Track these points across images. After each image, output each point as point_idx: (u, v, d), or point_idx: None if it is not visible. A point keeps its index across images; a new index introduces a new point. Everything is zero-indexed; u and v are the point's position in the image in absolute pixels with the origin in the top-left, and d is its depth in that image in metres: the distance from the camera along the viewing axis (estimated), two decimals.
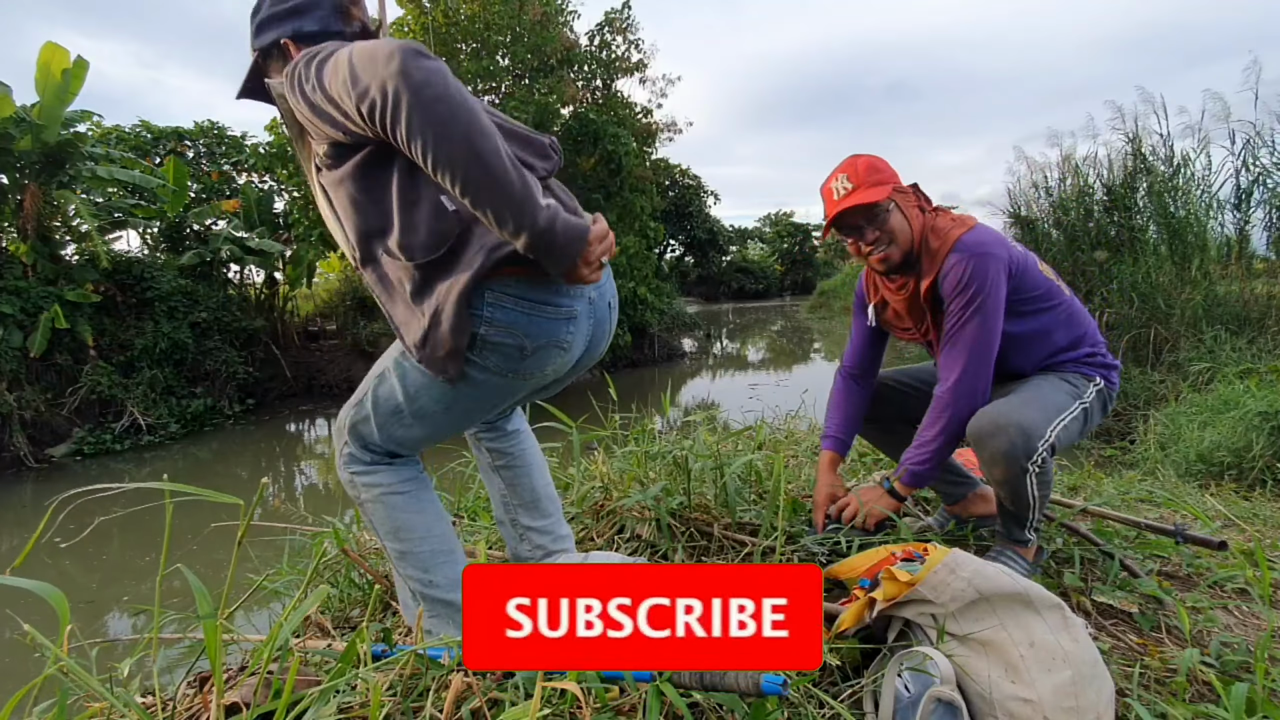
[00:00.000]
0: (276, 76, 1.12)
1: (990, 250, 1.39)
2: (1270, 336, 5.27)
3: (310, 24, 1.11)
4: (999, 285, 1.39)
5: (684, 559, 1.52)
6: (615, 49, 13.68)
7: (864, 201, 1.43)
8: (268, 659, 0.87)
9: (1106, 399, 1.50)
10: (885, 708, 0.94)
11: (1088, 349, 1.50)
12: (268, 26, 1.13)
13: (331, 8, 1.12)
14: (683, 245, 32.43)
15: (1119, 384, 1.54)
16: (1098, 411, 1.47)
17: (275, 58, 1.14)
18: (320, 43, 1.05)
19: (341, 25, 1.12)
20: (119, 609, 4.17)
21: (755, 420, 2.63)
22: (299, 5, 1.11)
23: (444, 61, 0.88)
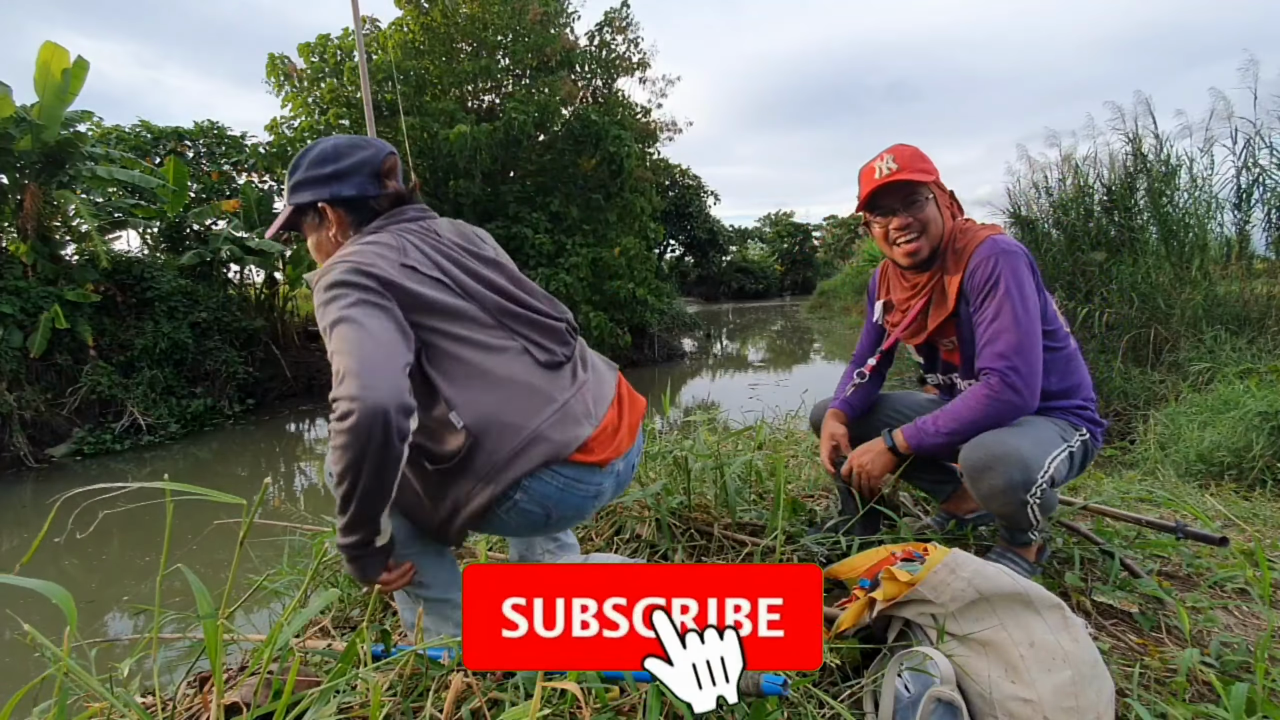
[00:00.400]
0: (310, 231, 1.19)
1: (1017, 251, 1.37)
2: (1270, 336, 5.27)
3: (348, 189, 1.15)
4: (1026, 280, 1.34)
5: (684, 559, 1.52)
6: (615, 48, 13.68)
7: (908, 179, 1.40)
8: (268, 659, 0.87)
9: (1089, 451, 1.45)
10: (885, 708, 0.94)
11: (1080, 400, 1.45)
12: (305, 188, 1.16)
13: (369, 174, 1.16)
14: (683, 245, 32.44)
15: (1102, 444, 1.50)
16: (1080, 461, 1.43)
17: (310, 216, 1.18)
18: (356, 207, 1.15)
19: (377, 189, 1.16)
20: (119, 609, 4.17)
21: (755, 420, 2.63)
22: (338, 171, 1.14)
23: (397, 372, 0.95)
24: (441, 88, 12.15)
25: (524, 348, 1.12)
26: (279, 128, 11.81)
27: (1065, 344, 1.45)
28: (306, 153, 1.18)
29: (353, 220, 1.16)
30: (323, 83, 11.60)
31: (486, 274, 1.14)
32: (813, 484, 2.00)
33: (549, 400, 1.09)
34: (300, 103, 11.76)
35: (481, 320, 1.10)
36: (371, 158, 1.16)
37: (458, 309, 1.08)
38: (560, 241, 12.07)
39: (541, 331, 1.15)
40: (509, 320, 1.12)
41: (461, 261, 1.13)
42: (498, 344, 1.09)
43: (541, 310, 1.18)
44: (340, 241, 1.16)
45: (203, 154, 13.06)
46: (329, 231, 1.17)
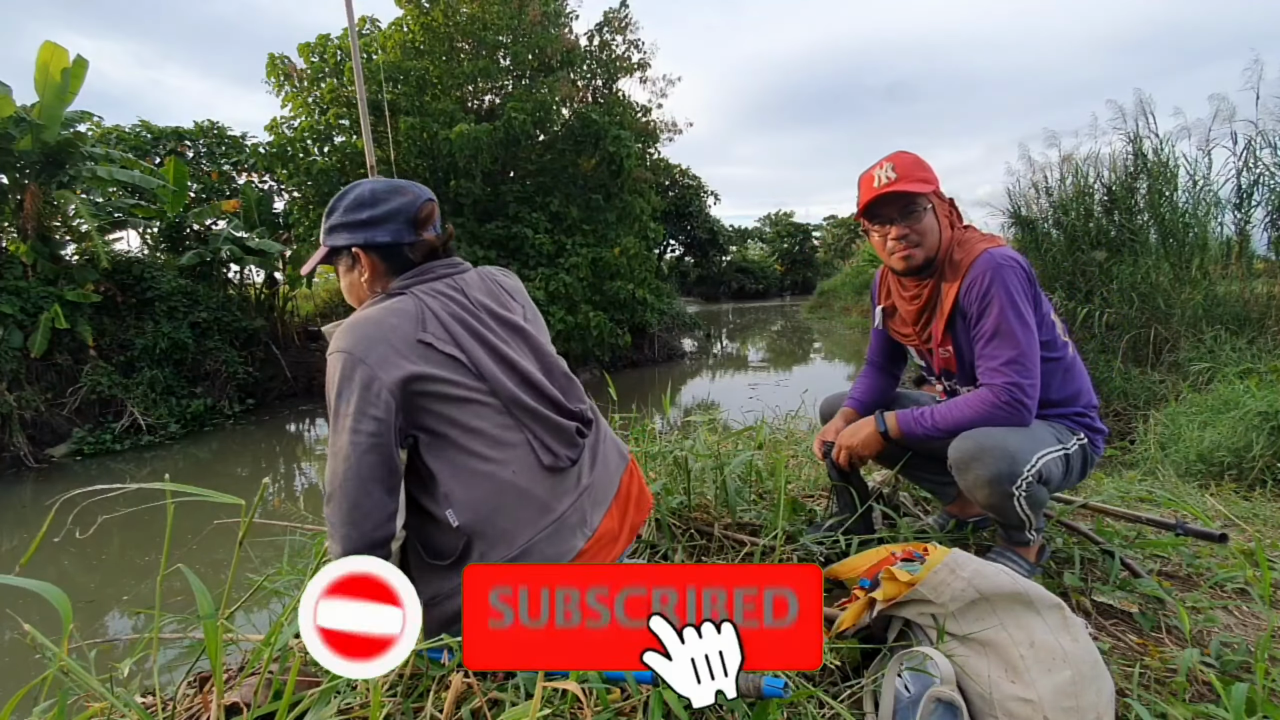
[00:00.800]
0: (344, 273, 1.20)
1: (1013, 265, 1.37)
2: (1270, 336, 5.27)
3: (382, 235, 1.14)
4: (1021, 294, 1.35)
5: (684, 559, 1.52)
6: (615, 48, 13.67)
7: (906, 190, 1.40)
8: (268, 659, 0.87)
9: (1088, 457, 1.45)
10: (885, 708, 0.94)
11: (1079, 408, 1.46)
12: (341, 231, 1.16)
13: (404, 221, 1.14)
14: (683, 245, 32.44)
15: (1103, 450, 1.49)
16: (1079, 466, 1.43)
17: (344, 258, 1.18)
18: (390, 254, 1.15)
19: (412, 237, 1.15)
20: (119, 609, 4.17)
21: (755, 420, 2.63)
22: (374, 218, 1.14)
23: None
24: (442, 88, 12.14)
25: (530, 446, 1.09)
26: (279, 128, 11.80)
27: (1063, 353, 1.45)
28: (344, 195, 1.18)
29: (386, 267, 1.16)
30: (323, 83, 11.60)
31: (507, 352, 1.12)
32: (813, 484, 2.00)
33: (546, 510, 1.08)
34: (300, 103, 11.76)
35: (491, 407, 1.08)
36: (408, 205, 1.15)
37: (468, 396, 1.06)
38: (560, 241, 12.06)
39: (551, 431, 1.12)
40: (520, 413, 1.10)
41: (483, 335, 1.10)
42: (504, 438, 1.07)
43: (556, 403, 1.15)
44: (372, 287, 1.16)
45: (203, 154, 13.07)
46: (362, 276, 1.17)
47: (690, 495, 1.66)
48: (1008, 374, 1.32)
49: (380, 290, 1.15)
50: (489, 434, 1.06)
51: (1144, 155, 6.50)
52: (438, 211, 1.20)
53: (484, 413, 1.07)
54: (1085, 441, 1.43)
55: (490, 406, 1.07)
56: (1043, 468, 1.31)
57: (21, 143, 7.76)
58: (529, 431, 1.10)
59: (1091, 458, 1.46)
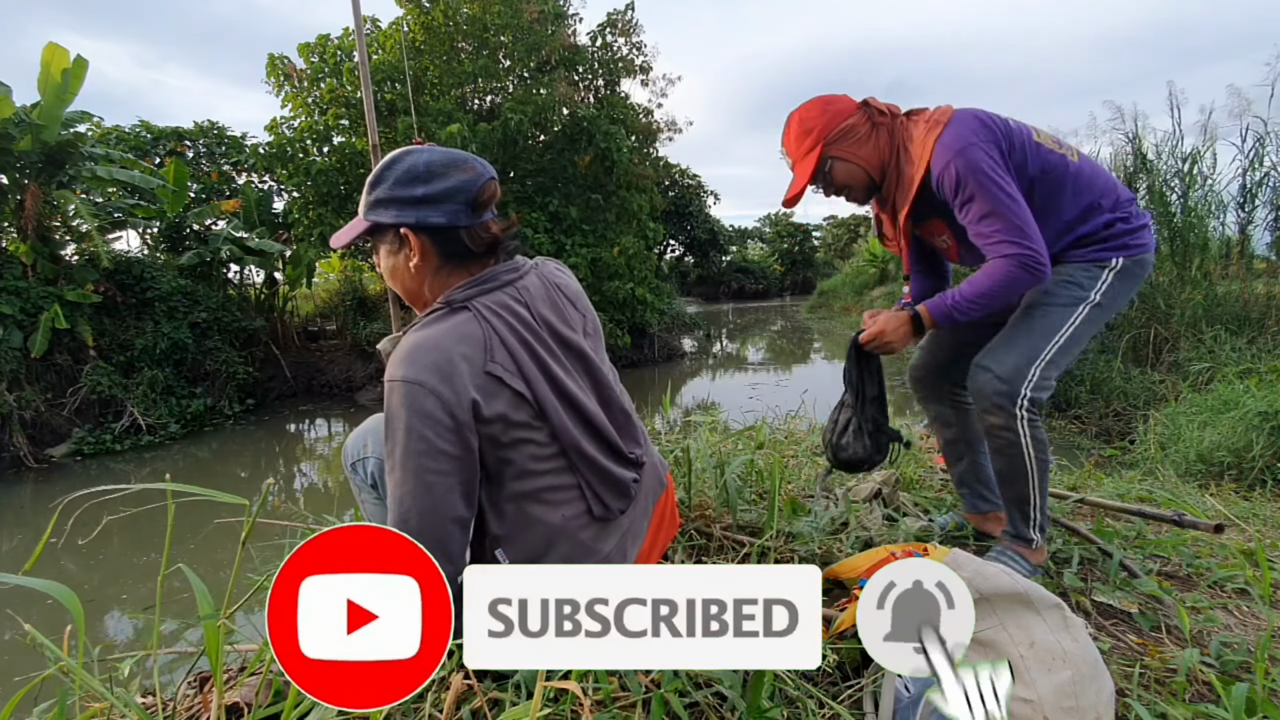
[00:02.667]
0: (387, 254, 1.07)
1: (971, 142, 1.32)
2: (1270, 336, 5.27)
3: (437, 216, 1.01)
4: (993, 164, 1.31)
5: (683, 559, 1.52)
6: (617, 50, 13.66)
7: (796, 191, 1.42)
8: (269, 659, 0.87)
9: (1133, 271, 1.39)
10: (885, 708, 0.94)
11: (1103, 220, 1.38)
12: (387, 206, 1.02)
13: (463, 202, 1.01)
14: (683, 245, 32.42)
15: (1152, 241, 1.42)
16: (1121, 292, 1.39)
17: (388, 237, 1.05)
18: (444, 237, 1.02)
19: (470, 220, 1.02)
20: (119, 609, 4.17)
21: (755, 420, 2.63)
22: (429, 195, 1.00)
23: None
24: (442, 88, 12.15)
25: (582, 494, 1.04)
26: (279, 128, 11.79)
27: (1065, 165, 1.38)
28: (393, 164, 1.03)
29: (438, 251, 1.04)
30: (323, 83, 11.59)
31: (570, 387, 1.03)
32: (813, 484, 2.00)
33: (591, 553, 1.05)
34: (300, 103, 11.75)
35: (549, 451, 1.01)
36: (468, 184, 1.01)
37: (527, 437, 0.99)
38: (560, 241, 12.07)
39: (606, 484, 1.06)
40: (578, 459, 1.03)
41: (548, 365, 1.01)
42: (558, 483, 1.02)
43: (614, 449, 1.08)
44: (421, 273, 1.05)
45: (203, 154, 13.06)
46: (410, 260, 1.04)
47: (690, 494, 1.66)
48: (1012, 243, 1.30)
49: (430, 280, 1.06)
50: (544, 479, 1.01)
51: (1144, 155, 6.50)
52: (499, 192, 1.07)
53: (541, 455, 1.00)
54: (1118, 261, 1.37)
55: (548, 449, 1.01)
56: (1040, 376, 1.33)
57: (21, 143, 7.76)
58: (583, 480, 1.04)
59: (1140, 264, 1.39)
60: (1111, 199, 1.40)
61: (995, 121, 1.36)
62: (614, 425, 1.10)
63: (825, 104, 1.45)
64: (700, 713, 0.98)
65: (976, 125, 1.34)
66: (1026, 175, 1.36)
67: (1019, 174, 1.35)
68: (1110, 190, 1.41)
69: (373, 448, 1.21)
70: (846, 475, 2.05)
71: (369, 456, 1.21)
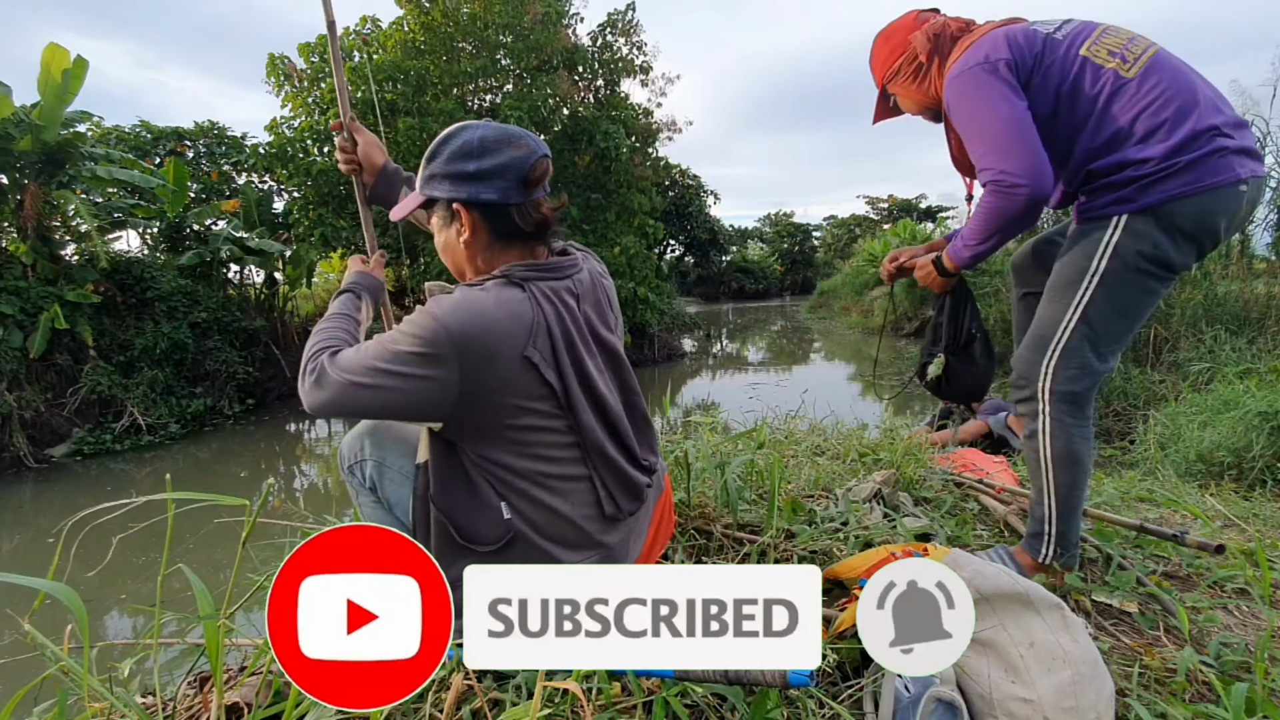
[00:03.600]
0: (439, 228, 1.10)
1: (967, 67, 1.27)
2: (1270, 336, 5.27)
3: (488, 192, 1.02)
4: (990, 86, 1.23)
5: (683, 559, 1.52)
6: (618, 50, 13.65)
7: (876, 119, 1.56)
8: (269, 659, 0.87)
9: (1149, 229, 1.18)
10: (885, 708, 0.94)
11: (1120, 155, 1.19)
12: (441, 182, 1.05)
13: (515, 179, 1.02)
14: (683, 245, 32.41)
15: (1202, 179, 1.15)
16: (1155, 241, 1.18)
17: (441, 211, 1.08)
18: (495, 214, 1.04)
19: (521, 197, 1.03)
20: (119, 609, 4.17)
21: (755, 420, 2.63)
22: (481, 171, 1.02)
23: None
24: (442, 88, 12.14)
25: (594, 491, 1.04)
26: (279, 128, 11.79)
27: (1102, 79, 1.21)
28: (448, 140, 1.05)
29: (489, 228, 1.05)
30: (323, 83, 11.59)
31: (600, 388, 1.04)
32: (813, 484, 2.00)
33: (597, 544, 1.06)
34: (300, 103, 11.75)
35: (569, 444, 1.02)
36: (520, 161, 1.02)
37: (548, 425, 1.00)
38: None
39: (620, 483, 1.07)
40: (596, 457, 1.04)
41: (583, 363, 1.02)
42: (571, 473, 1.03)
43: (631, 453, 1.09)
44: (471, 248, 1.07)
45: (203, 154, 13.06)
46: (460, 236, 1.06)
47: (690, 494, 1.66)
48: (986, 169, 1.24)
49: (481, 256, 1.07)
50: (557, 467, 1.01)
51: None
52: (551, 172, 1.08)
53: (558, 443, 1.01)
54: (1124, 215, 1.19)
55: (565, 439, 1.02)
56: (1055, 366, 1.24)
57: (21, 143, 7.76)
58: (599, 478, 1.05)
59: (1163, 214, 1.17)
60: (1156, 121, 1.17)
61: (1015, 38, 1.27)
62: (635, 430, 1.11)
63: (883, 39, 1.46)
64: (700, 712, 0.98)
65: (987, 47, 1.27)
66: (1049, 91, 1.24)
67: (1041, 90, 1.24)
68: (1160, 109, 1.16)
69: (370, 450, 1.20)
70: (847, 477, 2.07)
71: (366, 459, 1.20)
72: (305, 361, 1.02)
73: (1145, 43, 1.24)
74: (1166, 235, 1.19)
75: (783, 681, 0.81)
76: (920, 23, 1.42)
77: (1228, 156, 1.16)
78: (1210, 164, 1.15)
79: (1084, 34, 1.26)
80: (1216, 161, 1.15)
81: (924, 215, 34.96)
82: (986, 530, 1.74)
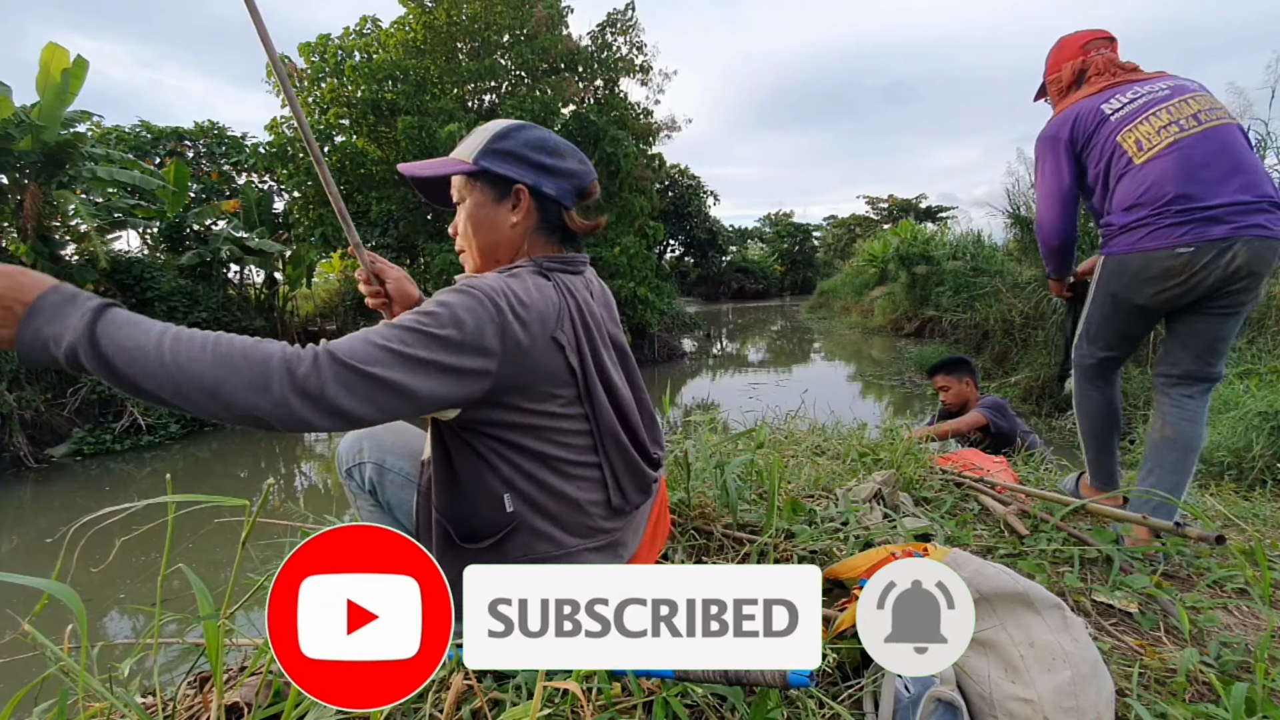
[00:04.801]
0: (480, 203, 1.06)
1: (1045, 135, 1.81)
2: (1270, 336, 5.27)
3: (549, 186, 1.06)
4: (1047, 152, 1.79)
5: (683, 558, 1.52)
6: (618, 50, 13.66)
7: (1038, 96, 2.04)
8: (269, 659, 0.87)
9: (1115, 270, 1.69)
10: (885, 708, 0.94)
11: (1108, 217, 1.69)
12: (511, 161, 1.05)
13: (575, 187, 1.09)
14: (682, 245, 32.42)
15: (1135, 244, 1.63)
16: (1106, 285, 1.73)
17: (494, 187, 1.06)
18: (549, 210, 1.06)
19: (571, 202, 1.09)
20: (119, 609, 4.17)
21: (755, 420, 2.63)
22: (553, 167, 1.06)
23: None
24: (442, 87, 12.15)
25: (603, 481, 1.04)
26: (279, 128, 11.80)
27: (1124, 164, 1.66)
28: (520, 130, 1.06)
29: (539, 220, 1.07)
30: (323, 83, 11.60)
31: (614, 377, 1.06)
32: (813, 484, 2.00)
33: (599, 531, 1.06)
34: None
35: (583, 432, 1.02)
36: (583, 173, 1.09)
37: (565, 412, 0.99)
38: None
39: (630, 473, 1.06)
40: (610, 445, 1.04)
41: (600, 352, 1.03)
42: (583, 460, 1.02)
43: (641, 445, 1.10)
44: (514, 231, 1.06)
45: (203, 154, 13.08)
46: (512, 218, 1.05)
47: (690, 494, 1.66)
48: (1037, 219, 1.89)
49: (517, 242, 1.07)
50: (568, 453, 1.01)
51: None
52: (599, 192, 1.15)
53: (575, 430, 1.01)
54: (1104, 255, 1.72)
55: (579, 427, 1.01)
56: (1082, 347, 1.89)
57: (21, 143, 7.76)
58: (610, 467, 1.05)
59: (1107, 261, 1.72)
60: (1133, 199, 1.63)
61: (1082, 117, 1.74)
62: (644, 422, 1.12)
63: (1057, 49, 1.91)
64: (700, 712, 0.98)
65: (1058, 125, 1.78)
66: (1094, 165, 1.72)
67: (1089, 162, 1.73)
68: (1140, 193, 1.62)
69: (369, 453, 1.19)
70: (847, 477, 2.07)
71: (365, 462, 1.19)
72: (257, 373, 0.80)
73: (1183, 128, 1.60)
74: (1120, 282, 1.70)
75: (783, 682, 0.81)
76: (1085, 50, 1.84)
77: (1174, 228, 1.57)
78: (1143, 236, 1.61)
79: (1138, 114, 1.66)
80: (1140, 236, 1.62)
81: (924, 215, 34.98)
82: (986, 530, 1.74)
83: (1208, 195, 1.53)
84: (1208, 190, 1.54)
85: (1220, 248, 1.53)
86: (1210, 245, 1.53)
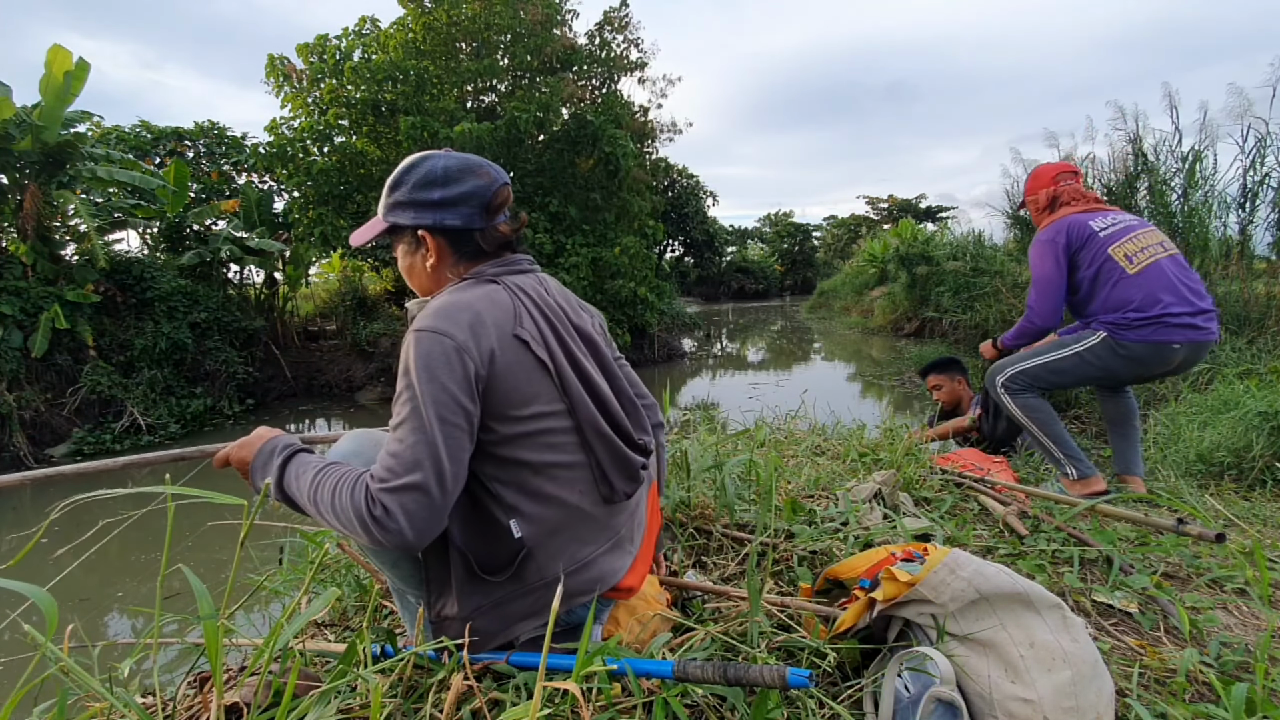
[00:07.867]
0: (404, 254, 1.12)
1: (1043, 239, 2.25)
2: (1270, 336, 5.27)
3: (453, 219, 1.06)
4: (1046, 254, 2.22)
5: (683, 558, 1.52)
6: (615, 47, 13.66)
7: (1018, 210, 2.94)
8: (268, 660, 0.87)
9: (1114, 348, 2.13)
10: (885, 708, 0.94)
11: (1112, 316, 2.13)
12: (405, 209, 1.07)
13: (478, 206, 1.07)
14: (682, 246, 32.40)
15: (1135, 337, 2.09)
16: (1106, 355, 2.14)
17: (406, 237, 1.10)
18: (459, 239, 1.07)
19: (483, 223, 1.08)
20: (119, 609, 4.17)
21: (755, 420, 2.63)
22: (445, 199, 1.05)
23: None
24: (441, 87, 12.14)
25: (592, 475, 1.04)
26: (279, 128, 11.79)
27: (1113, 272, 2.14)
28: (413, 169, 1.08)
29: (454, 252, 1.09)
30: (322, 83, 11.59)
31: (586, 365, 1.06)
32: (813, 484, 2.00)
33: (605, 529, 1.06)
34: (300, 103, 11.75)
35: (566, 426, 1.01)
36: (482, 189, 1.07)
37: (547, 410, 0.99)
38: (560, 241, 12.06)
39: (616, 463, 1.06)
40: (592, 436, 1.03)
41: (566, 342, 1.05)
42: (572, 460, 1.02)
43: (624, 431, 1.08)
44: (437, 271, 1.09)
45: (203, 154, 13.06)
46: (426, 261, 1.09)
47: (690, 493, 1.66)
48: (1030, 302, 2.30)
49: (450, 277, 1.09)
50: (560, 453, 1.01)
51: (1144, 155, 6.49)
52: (511, 198, 1.13)
53: (560, 429, 1.01)
54: (1104, 334, 2.15)
55: (563, 424, 1.01)
56: (1016, 373, 2.26)
57: (22, 143, 7.76)
58: (594, 458, 1.04)
59: (1117, 347, 2.13)
60: (1123, 306, 2.12)
61: (1074, 228, 2.22)
62: (624, 410, 1.12)
63: (1034, 177, 2.42)
64: (700, 712, 0.98)
65: (1054, 231, 2.24)
66: (1085, 268, 2.20)
67: (1082, 264, 2.21)
68: (1138, 299, 2.09)
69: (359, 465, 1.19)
70: (847, 477, 2.07)
71: None
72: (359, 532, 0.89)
73: (1154, 252, 2.15)
74: (1117, 357, 2.16)
75: (782, 682, 0.81)
76: (1055, 181, 2.34)
77: (1174, 330, 2.07)
78: (1144, 331, 2.09)
79: (1120, 236, 2.18)
80: (1143, 332, 2.09)
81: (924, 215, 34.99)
82: (986, 530, 1.74)
83: (1184, 305, 2.07)
84: (1184, 301, 2.08)
85: (1192, 345, 2.08)
86: (1189, 344, 2.07)
